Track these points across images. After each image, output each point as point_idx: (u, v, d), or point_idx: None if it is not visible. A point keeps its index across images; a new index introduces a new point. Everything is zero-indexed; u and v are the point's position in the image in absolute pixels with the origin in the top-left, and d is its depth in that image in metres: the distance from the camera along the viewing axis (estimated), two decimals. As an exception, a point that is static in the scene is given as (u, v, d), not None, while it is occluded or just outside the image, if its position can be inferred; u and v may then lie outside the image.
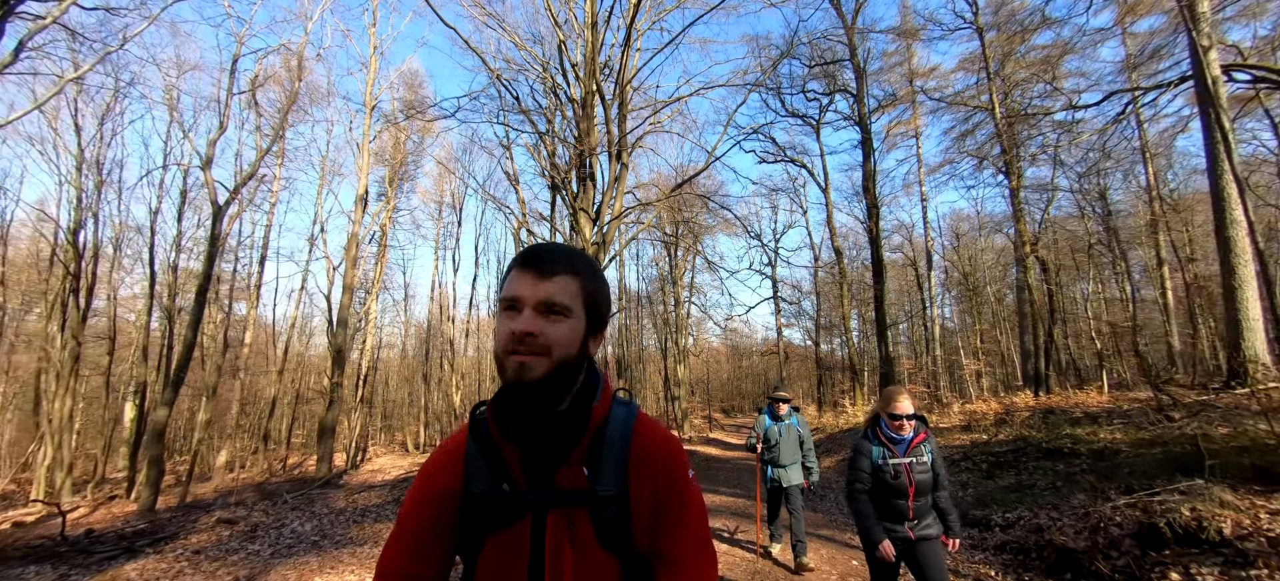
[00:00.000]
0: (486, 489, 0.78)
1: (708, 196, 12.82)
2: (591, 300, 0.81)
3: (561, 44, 10.77)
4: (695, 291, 23.89)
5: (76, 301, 11.68)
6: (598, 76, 10.05)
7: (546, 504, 0.77)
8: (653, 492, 0.80)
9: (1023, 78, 16.74)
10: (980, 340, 21.67)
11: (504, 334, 0.75)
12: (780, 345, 23.96)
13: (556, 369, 0.75)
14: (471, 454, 0.82)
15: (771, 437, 4.45)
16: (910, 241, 22.89)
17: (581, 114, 10.41)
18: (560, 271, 0.77)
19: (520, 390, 0.74)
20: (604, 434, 0.81)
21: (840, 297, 16.78)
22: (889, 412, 2.42)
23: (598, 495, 0.77)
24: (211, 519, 4.71)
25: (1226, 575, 2.44)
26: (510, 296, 0.76)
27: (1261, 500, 2.79)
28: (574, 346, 0.78)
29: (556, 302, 0.75)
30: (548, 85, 11.62)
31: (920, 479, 2.38)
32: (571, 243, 9.49)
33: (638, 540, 0.80)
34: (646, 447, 0.82)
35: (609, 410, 0.84)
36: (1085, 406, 9.14)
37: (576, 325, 0.78)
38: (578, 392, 0.81)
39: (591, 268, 0.83)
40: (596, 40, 10.00)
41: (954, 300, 27.90)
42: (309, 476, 14.75)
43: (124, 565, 3.41)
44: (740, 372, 37.57)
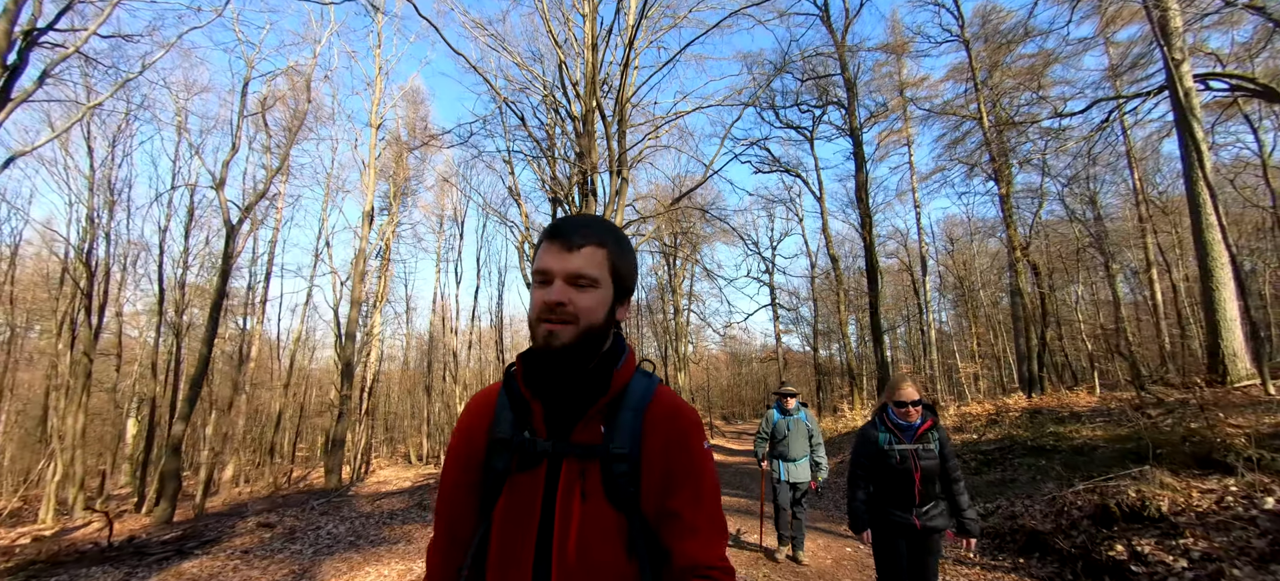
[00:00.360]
0: (509, 434, 0.85)
1: (705, 209, 13.28)
2: (617, 270, 0.85)
3: (561, 63, 11.22)
4: (694, 299, 24.33)
5: (88, 319, 11.99)
6: (598, 94, 10.50)
7: (562, 453, 0.82)
8: (665, 457, 0.83)
9: (1011, 86, 17.32)
10: (976, 343, 22.12)
11: (536, 303, 0.81)
12: (779, 351, 24.34)
13: (583, 335, 0.80)
14: (501, 403, 0.88)
15: (779, 432, 4.47)
16: (905, 247, 23.39)
17: (582, 131, 10.84)
18: (587, 243, 0.82)
19: (548, 355, 0.80)
20: (624, 397, 0.85)
21: (837, 304, 17.19)
22: (895, 400, 2.47)
23: (610, 451, 0.81)
24: (250, 523, 5.03)
25: (1161, 545, 2.81)
26: (541, 268, 0.82)
27: (1196, 482, 3.17)
28: (600, 314, 0.83)
29: (584, 274, 0.81)
30: (549, 103, 12.08)
31: (926, 465, 2.39)
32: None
33: (646, 501, 0.82)
34: (662, 413, 0.85)
35: (631, 377, 0.88)
36: (1073, 406, 9.55)
37: (603, 294, 0.83)
38: (603, 356, 0.86)
39: (618, 238, 0.87)
40: (596, 60, 10.44)
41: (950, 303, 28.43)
42: (315, 489, 14.99)
43: (181, 564, 3.72)
44: (739, 379, 37.91)
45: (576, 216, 0.86)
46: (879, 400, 2.84)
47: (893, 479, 2.42)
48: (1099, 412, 8.22)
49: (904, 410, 2.42)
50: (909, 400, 2.41)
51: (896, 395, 2.46)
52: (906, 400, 2.41)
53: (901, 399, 2.43)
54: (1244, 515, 2.75)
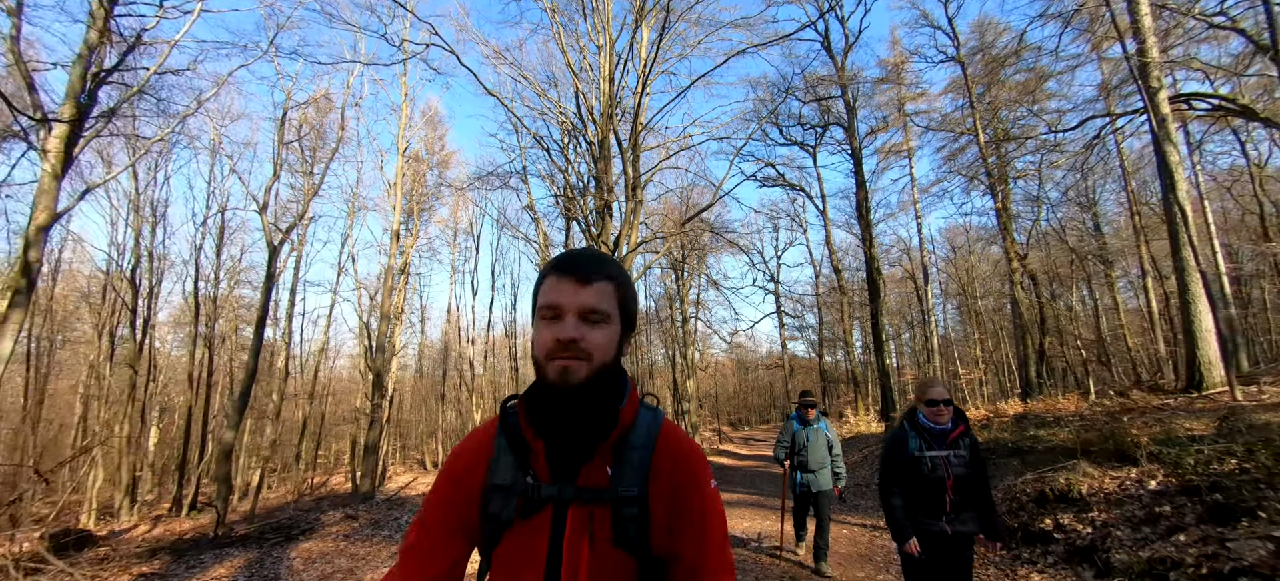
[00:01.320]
0: (510, 480, 0.82)
1: (716, 230, 14.20)
2: (625, 305, 0.85)
3: (578, 91, 12.20)
4: (701, 307, 25.21)
5: (133, 334, 13.00)
6: (614, 122, 11.48)
7: (568, 499, 0.79)
8: (673, 497, 0.82)
9: (1008, 99, 18.22)
10: (980, 349, 22.94)
11: (546, 340, 0.79)
12: (785, 358, 25.19)
13: (597, 373, 0.79)
14: (499, 446, 0.85)
15: (799, 442, 4.53)
16: (908, 255, 24.26)
17: (599, 155, 11.81)
18: (598, 277, 0.80)
19: (564, 394, 0.78)
20: (629, 436, 0.84)
21: (841, 314, 18.07)
22: (926, 400, 2.44)
23: (619, 494, 0.79)
24: (335, 516, 5.89)
25: (1077, 518, 3.70)
26: (551, 304, 0.80)
27: (1110, 471, 4.01)
28: (612, 350, 0.82)
29: (597, 309, 0.79)
30: (564, 126, 13.06)
31: (958, 473, 2.35)
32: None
33: (655, 542, 0.81)
34: (670, 452, 0.84)
35: (636, 414, 0.87)
36: (1059, 412, 10.41)
37: (614, 330, 0.82)
38: (609, 395, 0.84)
39: (623, 272, 0.86)
40: (613, 91, 11.42)
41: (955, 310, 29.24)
42: (338, 492, 15.93)
43: (299, 545, 4.61)
44: (746, 386, 38.77)
45: (584, 250, 0.85)
46: (907, 404, 3.11)
47: (924, 487, 2.38)
48: (1078, 418, 9.10)
49: (935, 410, 2.40)
50: (940, 398, 2.40)
51: (927, 394, 2.45)
52: (938, 398, 2.40)
53: (933, 398, 2.41)
54: (1134, 494, 3.60)
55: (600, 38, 11.96)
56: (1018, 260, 16.56)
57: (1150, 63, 10.55)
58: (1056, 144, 15.58)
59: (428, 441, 25.20)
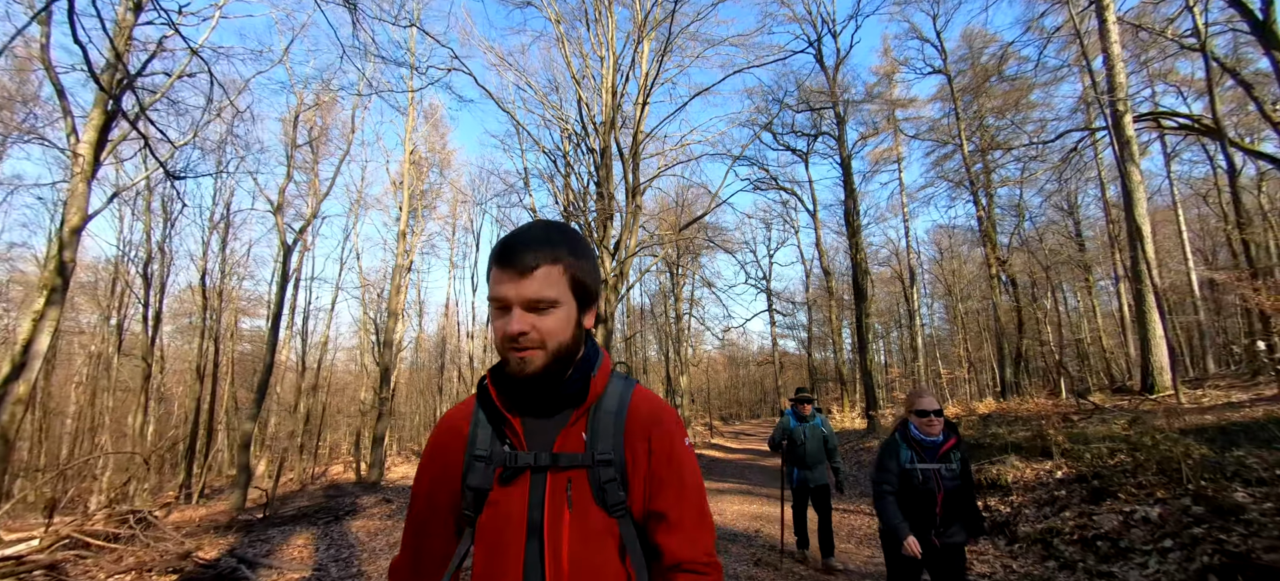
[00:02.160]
0: (488, 451, 0.85)
1: (712, 241, 15.05)
2: (577, 282, 0.84)
3: (580, 99, 12.96)
4: (694, 304, 26.13)
5: (145, 328, 13.63)
6: (616, 131, 12.26)
7: (544, 465, 0.82)
8: (648, 457, 0.85)
9: (995, 106, 19.20)
10: (964, 349, 24.10)
11: (498, 333, 0.82)
12: (775, 355, 26.22)
13: (554, 358, 0.81)
14: (477, 419, 0.89)
15: (797, 439, 4.53)
16: (897, 257, 25.33)
17: (600, 162, 12.61)
18: (540, 263, 0.79)
19: (523, 381, 0.82)
20: (602, 402, 0.87)
21: (830, 314, 19.06)
22: (916, 409, 2.46)
23: (595, 458, 0.83)
24: (372, 500, 6.68)
25: (1001, 501, 4.56)
26: (496, 296, 0.81)
27: (1034, 464, 4.92)
28: (568, 332, 0.83)
29: (542, 299, 0.79)
30: (565, 132, 13.81)
31: (949, 486, 2.39)
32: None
33: (634, 503, 0.85)
34: (642, 414, 0.88)
35: (608, 382, 0.90)
36: (1026, 411, 11.43)
37: (566, 312, 0.83)
38: (578, 365, 0.87)
39: (573, 244, 0.84)
40: (615, 103, 12.18)
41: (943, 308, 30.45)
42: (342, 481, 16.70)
43: (350, 523, 5.38)
44: (737, 381, 39.90)
45: (525, 231, 0.84)
46: (889, 402, 3.04)
47: (914, 499, 2.43)
48: (1040, 417, 10.09)
49: (926, 420, 2.42)
50: (931, 408, 2.43)
51: (917, 404, 2.48)
52: (928, 408, 2.43)
53: (923, 408, 2.44)
54: (1045, 482, 4.48)
55: (603, 49, 12.71)
56: (998, 265, 17.61)
57: (1119, 86, 11.51)
58: (1036, 155, 16.60)
59: (423, 433, 25.97)
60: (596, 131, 12.64)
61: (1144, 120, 14.46)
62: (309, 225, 12.12)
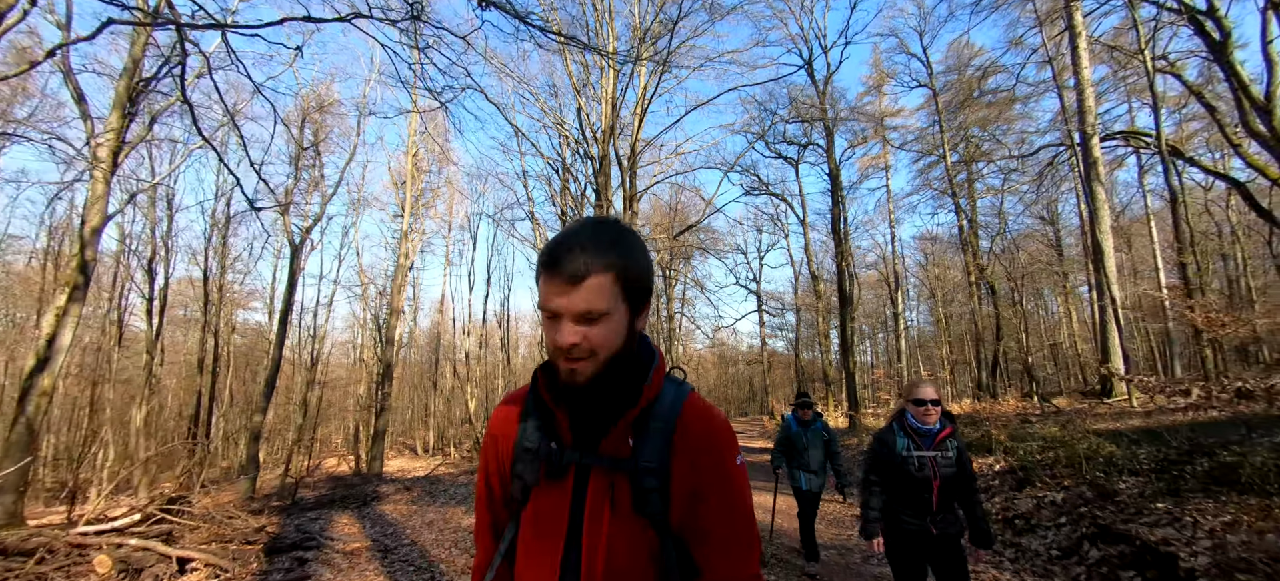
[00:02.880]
0: (536, 444, 0.86)
1: (706, 248, 15.86)
2: (630, 286, 0.82)
3: (580, 108, 13.67)
4: (686, 303, 26.95)
5: (150, 321, 14.14)
6: (615, 139, 13.00)
7: (588, 464, 0.83)
8: (695, 471, 0.83)
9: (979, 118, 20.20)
10: (948, 350, 25.23)
11: (549, 341, 0.81)
12: (764, 354, 27.16)
13: (606, 366, 0.80)
14: (527, 410, 0.90)
15: (798, 444, 4.53)
16: (884, 260, 26.36)
17: (599, 169, 13.35)
18: (591, 272, 0.77)
19: (573, 390, 0.81)
20: (653, 408, 0.85)
21: (817, 317, 20.00)
22: (914, 398, 2.51)
23: (639, 464, 0.81)
24: (390, 488, 7.38)
25: None
26: (547, 307, 0.79)
27: (980, 459, 5.77)
28: (618, 339, 0.81)
29: (594, 310, 0.78)
30: (563, 137, 14.52)
31: (945, 473, 2.45)
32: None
33: (676, 515, 0.83)
34: (693, 425, 0.85)
35: (661, 387, 0.88)
36: (994, 413, 12.37)
37: (618, 320, 0.81)
38: (630, 368, 0.85)
39: (626, 245, 0.82)
40: (614, 113, 12.92)
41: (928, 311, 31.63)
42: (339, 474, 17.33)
43: (379, 507, 6.08)
44: (727, 379, 40.92)
45: (574, 235, 0.79)
46: (872, 402, 3.05)
47: (910, 487, 2.48)
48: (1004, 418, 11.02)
49: (923, 409, 2.47)
50: (928, 398, 2.48)
51: (915, 393, 2.53)
52: (926, 398, 2.48)
53: (921, 397, 2.49)
54: (984, 474, 5.29)
55: (603, 60, 13.42)
56: (977, 272, 18.66)
57: (1088, 110, 12.48)
58: (1015, 167, 17.62)
59: (417, 428, 26.56)
60: (596, 139, 13.37)
61: (1113, 139, 15.51)
62: (314, 226, 12.71)
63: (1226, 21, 10.31)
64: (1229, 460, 3.56)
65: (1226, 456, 3.65)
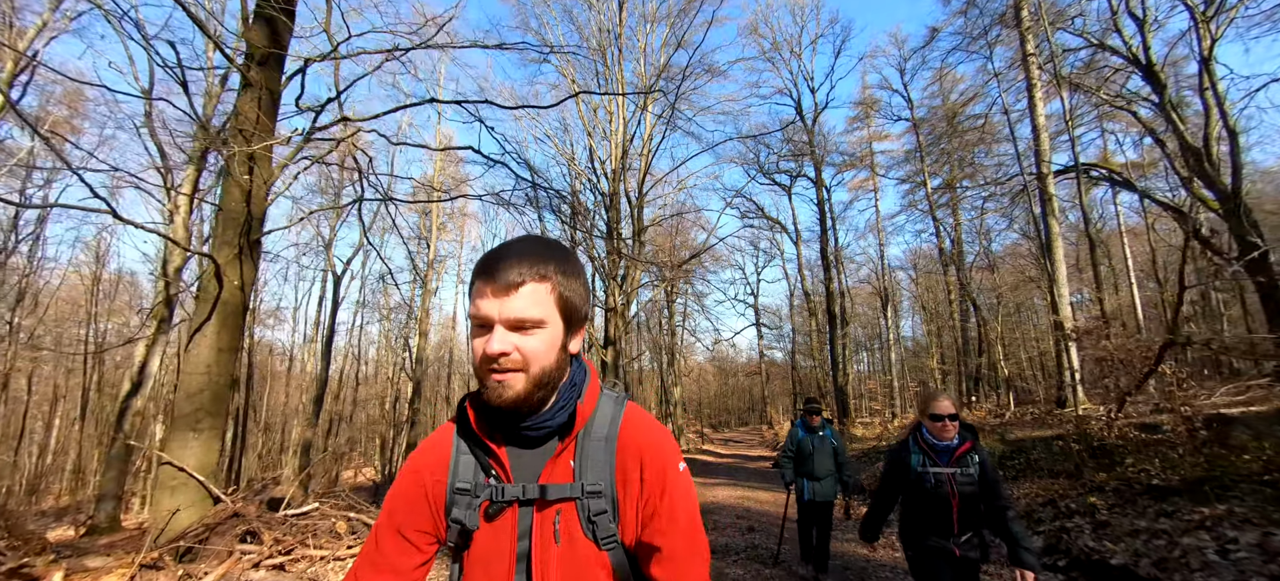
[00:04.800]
0: (471, 484, 0.83)
1: (707, 278, 17.79)
2: (565, 302, 0.82)
3: (591, 149, 15.60)
4: (686, 317, 28.84)
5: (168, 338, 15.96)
6: (624, 179, 14.94)
7: (531, 499, 0.81)
8: (641, 486, 0.84)
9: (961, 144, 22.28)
10: (938, 361, 27.21)
11: (477, 353, 0.79)
12: (763, 366, 29.04)
13: (536, 384, 0.79)
14: (457, 447, 0.87)
15: (805, 450, 4.54)
16: (877, 275, 28.38)
17: (609, 206, 15.29)
18: (526, 279, 0.78)
19: (501, 409, 0.79)
20: (591, 428, 0.86)
21: (811, 335, 21.97)
22: (931, 413, 2.45)
23: (584, 490, 0.82)
24: None
25: None
26: (477, 316, 0.79)
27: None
28: (552, 355, 0.81)
29: (527, 319, 0.77)
30: (573, 171, 16.42)
31: (965, 491, 2.38)
32: (603, 302, 14.31)
33: (626, 534, 0.84)
34: (634, 441, 0.86)
35: (597, 405, 0.88)
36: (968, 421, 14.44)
37: (552, 333, 0.81)
38: (562, 391, 0.85)
39: (562, 261, 0.83)
40: (624, 156, 14.88)
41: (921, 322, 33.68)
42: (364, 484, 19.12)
43: None
44: (726, 390, 42.82)
45: (512, 245, 0.82)
46: (912, 418, 2.79)
47: (929, 504, 2.43)
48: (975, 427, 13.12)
49: (941, 425, 2.42)
50: (946, 413, 2.42)
51: (932, 407, 2.47)
52: (943, 413, 2.42)
53: (938, 412, 2.43)
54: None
55: (612, 104, 15.38)
56: (961, 289, 20.69)
57: (1041, 152, 14.53)
58: (990, 193, 19.69)
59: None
60: (607, 177, 15.31)
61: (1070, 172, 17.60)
62: (353, 258, 14.56)
63: (1162, 76, 12.46)
64: (1034, 456, 5.48)
65: (1034, 453, 5.57)
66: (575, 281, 0.85)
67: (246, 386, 18.08)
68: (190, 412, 4.36)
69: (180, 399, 4.37)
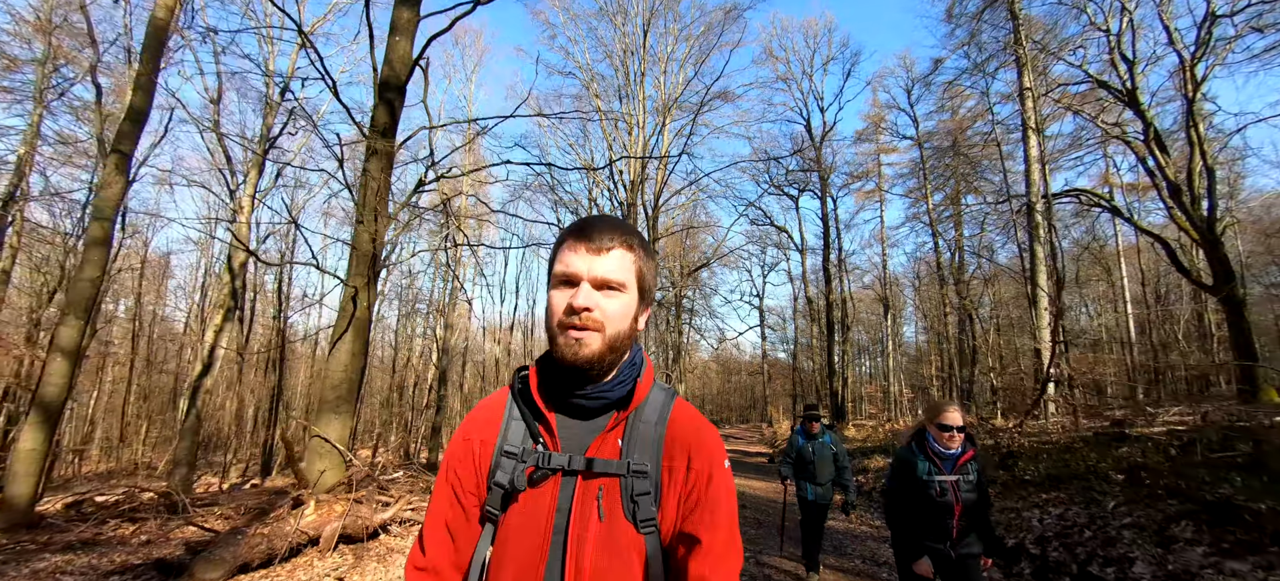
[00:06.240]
0: (520, 448, 0.88)
1: (716, 289, 19.35)
2: (642, 275, 0.90)
3: (611, 161, 17.16)
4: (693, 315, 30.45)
5: (240, 325, 17.69)
6: (642, 190, 16.52)
7: (577, 470, 0.85)
8: (685, 476, 0.87)
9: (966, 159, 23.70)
10: (936, 370, 28.78)
11: (559, 308, 0.85)
12: (765, 366, 30.69)
13: (609, 346, 0.85)
14: (510, 413, 0.93)
15: (805, 456, 4.65)
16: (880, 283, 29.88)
17: (627, 214, 16.87)
18: (616, 245, 0.86)
19: (576, 365, 0.84)
20: (642, 412, 0.90)
21: (812, 339, 23.57)
22: (939, 423, 2.54)
23: (630, 468, 0.85)
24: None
25: (874, 479, 9.05)
26: (566, 272, 0.85)
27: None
28: (627, 322, 0.88)
29: (612, 280, 0.85)
30: (595, 181, 17.99)
31: (967, 498, 2.50)
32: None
33: (665, 520, 0.87)
34: (684, 431, 0.89)
35: (650, 390, 0.93)
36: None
37: (630, 301, 0.88)
38: (623, 367, 0.91)
39: (643, 242, 0.91)
40: (643, 167, 16.45)
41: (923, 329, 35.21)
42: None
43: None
44: (729, 388, 44.54)
45: (602, 216, 0.90)
46: (916, 422, 3.07)
47: (931, 511, 2.52)
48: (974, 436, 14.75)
49: (949, 435, 2.51)
50: (953, 424, 2.51)
51: (940, 418, 2.56)
52: (951, 424, 2.51)
53: (946, 423, 2.52)
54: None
55: (633, 119, 16.91)
56: (959, 302, 22.24)
57: (1031, 183, 16.01)
58: (989, 212, 21.18)
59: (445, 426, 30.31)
60: (625, 187, 16.89)
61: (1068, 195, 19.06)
62: (390, 256, 16.21)
63: (1149, 115, 14.03)
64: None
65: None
66: (651, 260, 0.93)
67: (279, 370, 19.87)
68: (333, 400, 6.03)
69: (326, 389, 6.03)
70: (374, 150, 6.31)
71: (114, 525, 5.51)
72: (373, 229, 6.15)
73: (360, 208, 6.09)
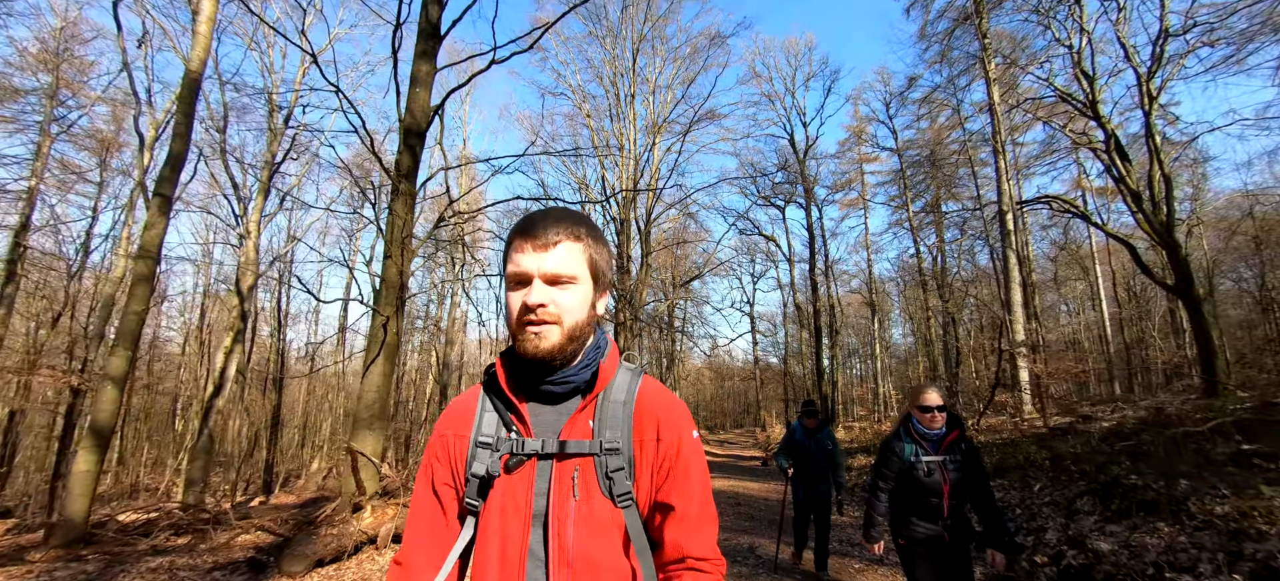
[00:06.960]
0: (494, 438, 0.92)
1: (708, 300, 20.30)
2: (594, 263, 0.94)
3: (603, 177, 18.03)
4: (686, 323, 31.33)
5: (244, 346, 18.28)
6: (634, 206, 17.40)
7: (551, 453, 0.89)
8: (656, 448, 0.92)
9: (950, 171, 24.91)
10: (924, 370, 29.93)
11: (515, 308, 0.89)
12: (757, 371, 31.61)
13: (568, 337, 0.90)
14: (482, 406, 0.97)
15: (802, 451, 4.77)
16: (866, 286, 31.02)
17: (620, 230, 17.74)
18: (562, 238, 0.89)
19: (536, 357, 0.88)
20: (610, 391, 0.95)
21: (801, 340, 24.56)
22: (920, 405, 2.65)
23: (602, 446, 0.89)
24: None
25: (859, 475, 9.99)
26: (516, 273, 0.89)
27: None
28: (584, 311, 0.92)
29: (562, 274, 0.89)
30: (587, 195, 18.84)
31: (955, 478, 2.57)
32: (613, 318, 16.78)
33: (640, 493, 0.92)
34: (651, 405, 0.94)
35: (616, 371, 0.97)
36: (927, 427, 17.03)
37: (584, 290, 0.93)
38: (587, 351, 0.95)
39: (591, 228, 0.95)
40: (635, 182, 17.33)
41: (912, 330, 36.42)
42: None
43: None
44: (722, 393, 45.46)
45: (546, 211, 0.93)
46: (902, 409, 2.98)
47: (921, 493, 2.61)
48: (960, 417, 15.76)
49: (929, 416, 2.62)
50: (933, 405, 2.62)
51: (921, 399, 2.66)
52: (930, 405, 2.62)
53: (925, 403, 2.63)
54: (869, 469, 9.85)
55: (624, 137, 17.80)
56: (943, 304, 23.36)
57: (1003, 194, 17.13)
58: (967, 218, 22.35)
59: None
60: (617, 202, 17.74)
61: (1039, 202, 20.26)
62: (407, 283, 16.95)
63: (1109, 125, 15.14)
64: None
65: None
66: (602, 246, 0.97)
67: (279, 388, 20.44)
68: (367, 418, 6.80)
69: (361, 408, 6.79)
70: (398, 191, 7.12)
71: (164, 537, 6.22)
72: (399, 262, 6.94)
73: (388, 244, 6.89)
